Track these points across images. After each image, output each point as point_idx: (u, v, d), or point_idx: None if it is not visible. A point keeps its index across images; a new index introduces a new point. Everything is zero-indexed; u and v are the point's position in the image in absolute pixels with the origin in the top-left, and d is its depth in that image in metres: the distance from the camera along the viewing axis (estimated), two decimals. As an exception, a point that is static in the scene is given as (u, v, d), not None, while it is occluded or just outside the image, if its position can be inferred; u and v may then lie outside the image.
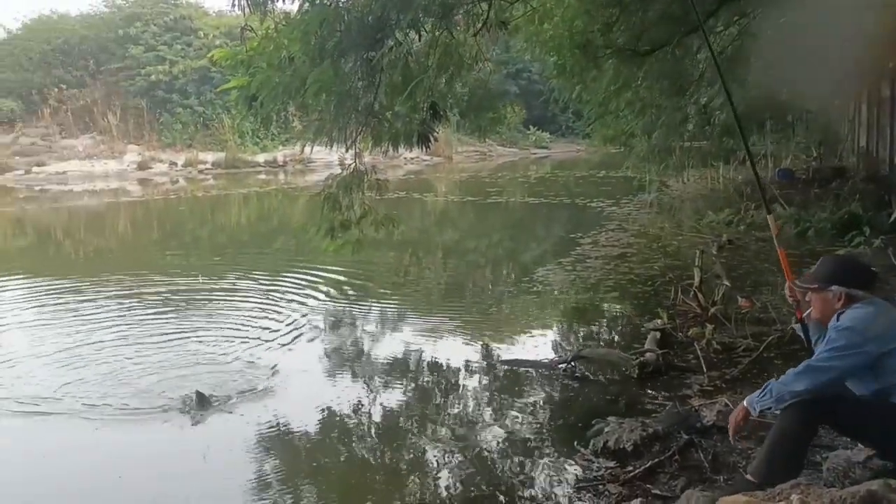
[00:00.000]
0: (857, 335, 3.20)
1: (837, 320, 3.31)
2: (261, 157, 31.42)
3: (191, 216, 19.23)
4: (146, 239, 15.99)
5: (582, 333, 7.03)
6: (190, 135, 31.54)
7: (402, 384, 5.69)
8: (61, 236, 16.37)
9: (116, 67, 32.16)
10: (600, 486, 3.81)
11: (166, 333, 7.22)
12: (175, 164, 30.00)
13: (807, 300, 3.57)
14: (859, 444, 3.55)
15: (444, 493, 3.94)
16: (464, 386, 5.61)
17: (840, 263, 3.73)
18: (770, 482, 3.03)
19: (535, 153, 37.83)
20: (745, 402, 3.42)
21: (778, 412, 3.39)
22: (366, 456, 4.46)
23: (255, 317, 7.82)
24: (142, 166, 29.35)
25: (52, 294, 9.28)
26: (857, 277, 3.42)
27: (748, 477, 3.37)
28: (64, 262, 12.77)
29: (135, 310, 8.34)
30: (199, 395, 5.19)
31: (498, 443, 4.54)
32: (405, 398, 5.40)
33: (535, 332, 7.20)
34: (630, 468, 3.95)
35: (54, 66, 31.87)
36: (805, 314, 3.64)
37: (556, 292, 8.57)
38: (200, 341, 6.93)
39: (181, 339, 7.03)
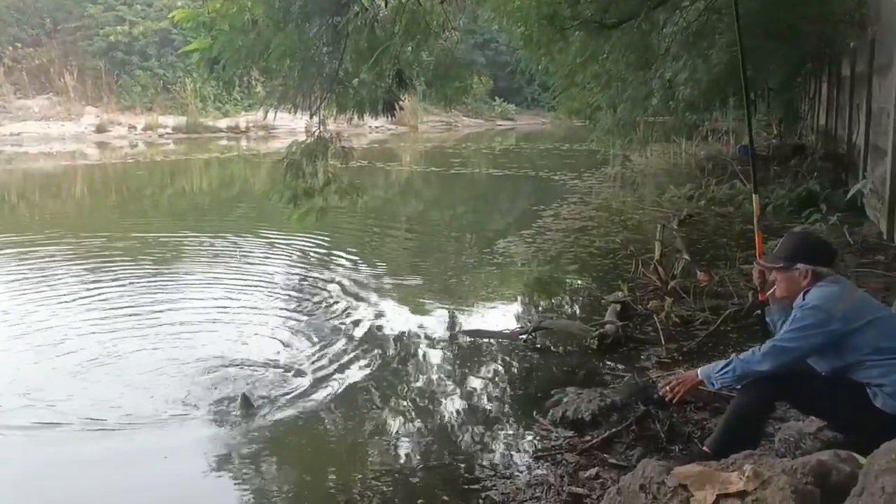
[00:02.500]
0: (823, 314, 3.22)
1: (803, 299, 3.34)
2: (223, 123, 30.99)
3: (150, 181, 18.93)
4: (104, 203, 15.71)
5: (542, 305, 7.07)
6: (150, 98, 30.97)
7: (361, 355, 5.65)
8: (16, 198, 16.04)
9: (74, 27, 31.36)
10: (558, 456, 3.85)
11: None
12: (134, 127, 29.48)
13: (771, 279, 3.59)
14: (811, 416, 3.63)
15: (404, 462, 3.95)
16: (425, 356, 5.62)
17: (803, 240, 3.75)
18: (726, 456, 3.09)
19: (500, 125, 37.83)
20: (698, 374, 3.47)
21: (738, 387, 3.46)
22: (326, 426, 4.45)
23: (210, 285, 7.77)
24: (100, 129, 28.78)
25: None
26: (821, 254, 3.45)
27: (705, 449, 3.44)
28: (18, 223, 12.50)
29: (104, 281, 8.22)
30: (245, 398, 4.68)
31: (458, 413, 4.57)
32: (365, 369, 5.37)
33: (495, 303, 7.22)
34: (588, 438, 4.00)
35: (9, 24, 31.00)
36: (769, 293, 3.66)
37: (517, 264, 8.60)
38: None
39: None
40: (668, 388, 3.56)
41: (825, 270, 3.37)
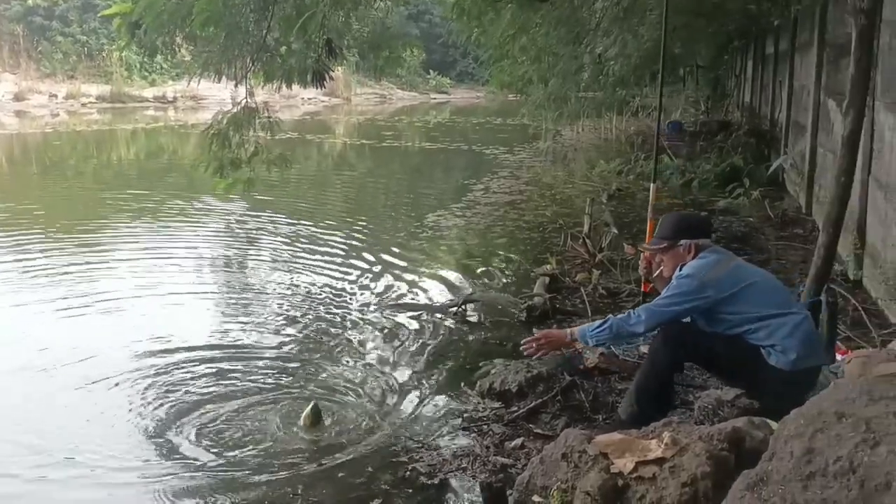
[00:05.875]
0: (696, 281, 3.43)
1: (681, 270, 3.56)
2: (149, 93, 30.15)
3: (71, 151, 18.32)
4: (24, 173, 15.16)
5: (472, 278, 7.05)
6: (72, 65, 29.91)
7: (290, 331, 5.59)
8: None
9: (-11, -10, 30.01)
10: (485, 427, 3.87)
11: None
12: (55, 96, 28.44)
13: (657, 261, 3.79)
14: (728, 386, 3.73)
15: (329, 436, 3.91)
16: (352, 330, 5.56)
17: (681, 219, 3.97)
18: (638, 420, 3.20)
19: (434, 98, 37.73)
20: (573, 332, 3.66)
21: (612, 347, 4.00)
22: (255, 401, 4.37)
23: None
24: (18, 97, 27.68)
25: None
26: (700, 228, 3.72)
27: (621, 416, 3.53)
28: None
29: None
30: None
31: (386, 386, 4.53)
32: (290, 344, 5.32)
33: (425, 276, 7.18)
34: (514, 409, 4.03)
35: (-82, -14, 29.48)
36: (656, 276, 3.88)
37: (447, 237, 8.59)
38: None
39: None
40: (531, 342, 3.72)
41: (706, 242, 3.61)
